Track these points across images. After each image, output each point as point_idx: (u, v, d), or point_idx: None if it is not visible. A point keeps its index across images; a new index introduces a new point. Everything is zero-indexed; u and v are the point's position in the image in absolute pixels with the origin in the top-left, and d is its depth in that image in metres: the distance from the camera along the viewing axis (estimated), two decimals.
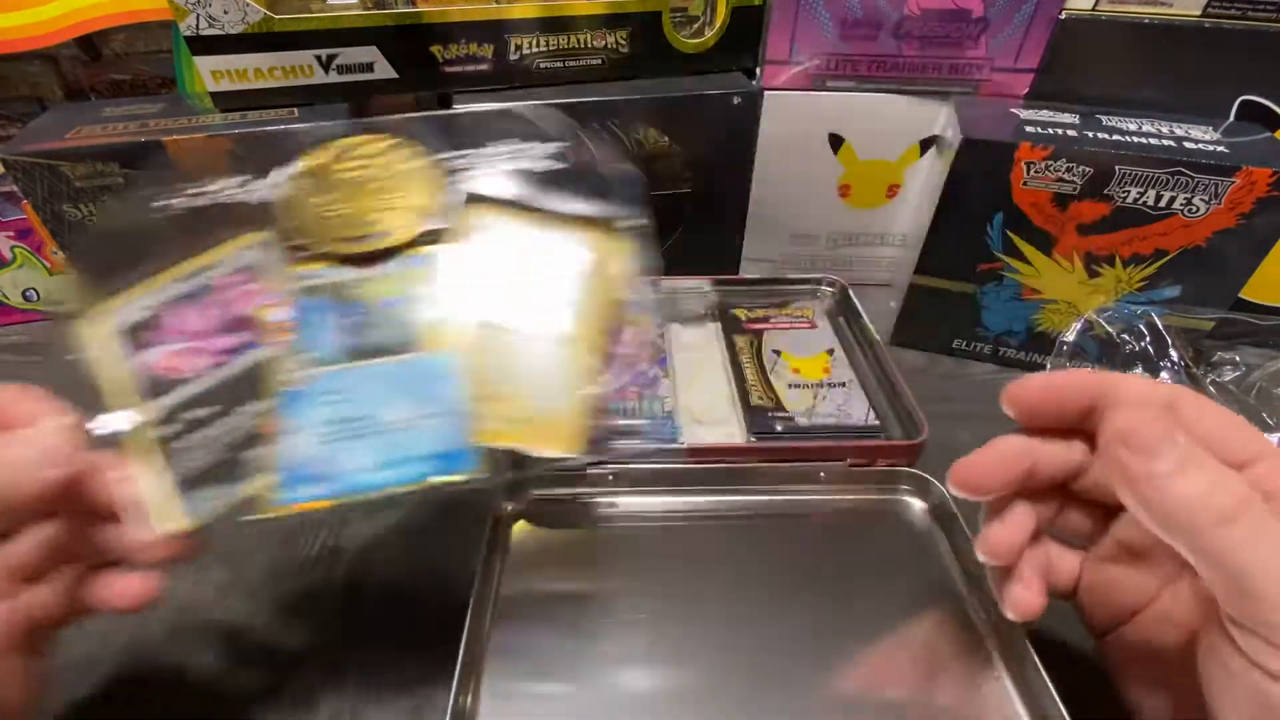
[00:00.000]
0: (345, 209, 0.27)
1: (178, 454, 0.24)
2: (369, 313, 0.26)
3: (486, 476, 0.24)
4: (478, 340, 0.26)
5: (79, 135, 0.39)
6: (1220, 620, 0.20)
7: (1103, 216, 0.40)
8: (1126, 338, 0.41)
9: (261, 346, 0.26)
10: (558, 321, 0.26)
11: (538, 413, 0.25)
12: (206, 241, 0.27)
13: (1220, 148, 0.39)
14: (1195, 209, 0.39)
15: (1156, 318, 0.41)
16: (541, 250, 0.27)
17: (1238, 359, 0.41)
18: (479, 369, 0.25)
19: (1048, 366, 0.43)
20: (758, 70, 0.46)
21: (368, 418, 0.24)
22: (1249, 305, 0.46)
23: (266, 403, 0.25)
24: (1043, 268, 0.43)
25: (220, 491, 0.24)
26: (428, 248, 0.27)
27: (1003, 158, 0.40)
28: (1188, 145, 0.39)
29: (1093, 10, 0.41)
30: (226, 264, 0.27)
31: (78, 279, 0.26)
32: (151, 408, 0.24)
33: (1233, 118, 0.42)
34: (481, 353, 0.26)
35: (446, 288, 0.27)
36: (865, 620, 0.30)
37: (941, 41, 0.43)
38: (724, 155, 0.48)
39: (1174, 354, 0.40)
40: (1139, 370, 0.40)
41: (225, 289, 0.26)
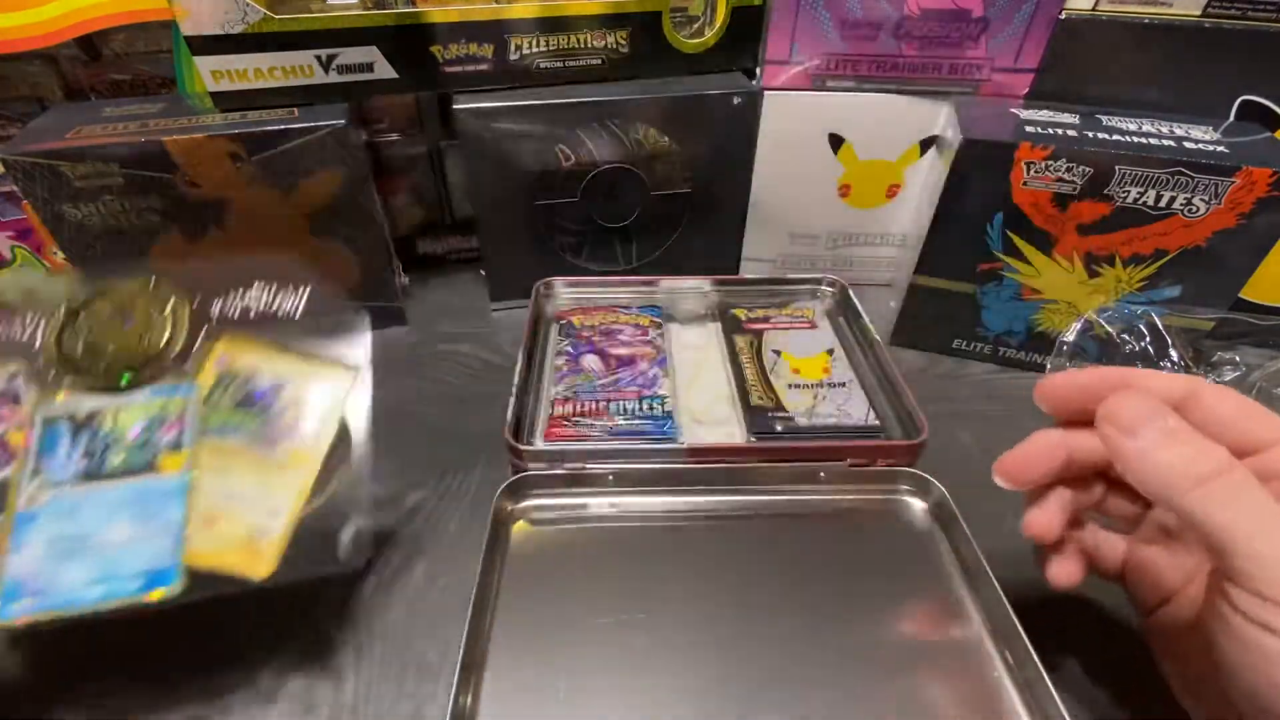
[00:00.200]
0: (102, 343, 0.30)
1: None
2: (114, 438, 0.28)
3: (186, 594, 0.26)
4: (209, 462, 0.28)
5: (79, 135, 0.39)
6: (1220, 583, 0.21)
7: (1103, 216, 0.40)
8: (1126, 338, 0.41)
9: (5, 469, 0.28)
10: (288, 446, 0.29)
11: (251, 533, 0.27)
12: None
13: (1220, 148, 0.39)
14: (1195, 209, 0.39)
15: (1156, 318, 0.41)
16: (277, 380, 0.30)
17: (1238, 359, 0.41)
18: (206, 491, 0.28)
19: (1048, 367, 0.43)
20: (758, 70, 0.46)
21: (89, 536, 0.26)
22: (1249, 305, 0.46)
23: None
24: (1043, 268, 0.43)
25: None
26: (175, 379, 0.30)
27: (1003, 158, 0.40)
28: (1188, 145, 0.39)
29: (1093, 10, 0.41)
30: None
31: None
32: None
33: (1233, 118, 0.42)
34: (212, 473, 0.28)
35: (189, 416, 0.29)
36: (865, 620, 0.30)
37: (941, 41, 0.43)
38: (724, 155, 0.48)
39: (1174, 354, 0.40)
40: None
41: None
